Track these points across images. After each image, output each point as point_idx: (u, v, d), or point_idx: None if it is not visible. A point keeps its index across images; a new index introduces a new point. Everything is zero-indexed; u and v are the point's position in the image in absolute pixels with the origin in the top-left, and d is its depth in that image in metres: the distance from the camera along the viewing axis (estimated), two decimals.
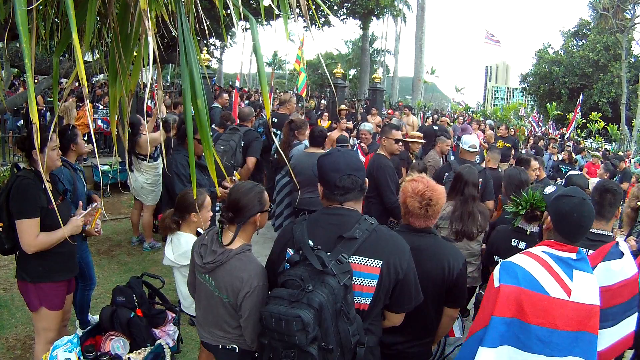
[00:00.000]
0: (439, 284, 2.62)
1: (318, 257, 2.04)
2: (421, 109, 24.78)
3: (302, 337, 1.89)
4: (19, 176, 3.16)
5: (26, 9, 1.23)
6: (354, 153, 2.47)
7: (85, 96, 1.30)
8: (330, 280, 1.99)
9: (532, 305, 2.14)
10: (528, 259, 2.26)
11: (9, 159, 9.79)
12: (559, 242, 2.30)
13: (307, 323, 1.88)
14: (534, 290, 2.15)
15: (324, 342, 1.96)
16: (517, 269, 2.21)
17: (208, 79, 9.04)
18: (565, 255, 2.26)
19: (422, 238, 2.69)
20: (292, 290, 2.01)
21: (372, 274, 2.15)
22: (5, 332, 4.51)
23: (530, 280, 2.17)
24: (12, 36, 2.43)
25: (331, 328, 1.96)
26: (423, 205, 2.65)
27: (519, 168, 4.61)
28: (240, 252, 2.49)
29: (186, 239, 3.55)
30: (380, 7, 26.21)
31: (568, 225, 2.28)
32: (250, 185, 2.62)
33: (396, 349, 2.61)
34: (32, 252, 3.15)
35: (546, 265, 2.22)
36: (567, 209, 2.27)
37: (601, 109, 33.47)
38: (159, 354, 3.24)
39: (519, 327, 2.14)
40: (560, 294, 2.16)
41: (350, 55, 56.01)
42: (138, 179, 6.62)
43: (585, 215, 2.25)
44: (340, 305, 2.00)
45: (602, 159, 12.82)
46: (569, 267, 2.24)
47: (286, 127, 6.45)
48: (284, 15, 1.95)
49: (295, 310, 1.91)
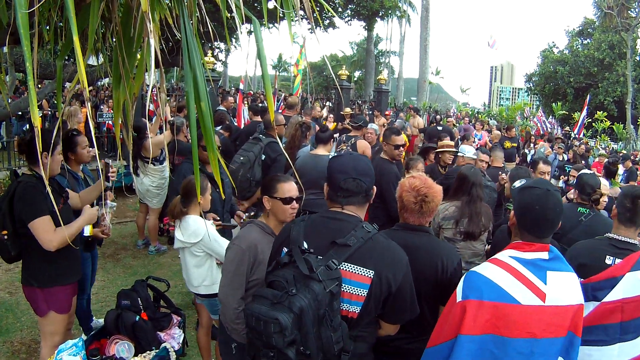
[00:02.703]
0: (432, 283, 2.59)
1: (306, 260, 2.02)
2: (426, 110, 24.75)
3: (279, 339, 1.88)
4: (21, 181, 3.16)
5: (27, 11, 1.22)
6: (365, 158, 2.44)
7: (86, 99, 1.29)
8: (315, 285, 1.97)
9: (503, 318, 1.99)
10: (494, 268, 2.09)
11: (15, 163, 9.83)
12: (526, 241, 2.13)
13: (285, 326, 1.87)
14: (501, 302, 2.00)
15: (303, 347, 1.94)
16: (480, 282, 2.06)
17: (212, 81, 9.02)
18: (535, 257, 2.09)
19: (417, 236, 2.68)
20: (277, 291, 2.00)
21: (363, 283, 2.12)
22: (11, 335, 4.52)
23: (497, 291, 2.02)
24: (15, 40, 2.43)
25: (312, 333, 1.94)
26: (418, 201, 2.64)
27: (525, 168, 4.61)
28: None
29: (194, 219, 3.69)
30: (385, 9, 26.21)
31: (531, 219, 2.12)
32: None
33: (394, 346, 2.59)
34: (55, 247, 3.14)
35: (514, 272, 2.05)
36: (529, 200, 2.12)
37: (607, 108, 33.32)
38: (164, 357, 3.23)
39: (493, 342, 1.99)
40: (533, 300, 2.00)
41: (355, 57, 56.07)
42: (144, 182, 6.64)
43: (550, 207, 2.08)
44: (324, 311, 1.97)
45: (607, 156, 12.76)
46: (541, 270, 2.07)
47: (297, 129, 6.39)
48: (287, 15, 1.94)
49: (275, 312, 1.90)
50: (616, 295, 2.59)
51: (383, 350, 2.47)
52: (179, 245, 3.76)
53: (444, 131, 8.82)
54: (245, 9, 1.83)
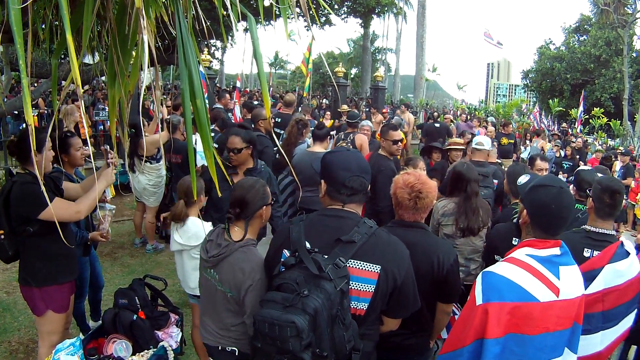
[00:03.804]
0: (429, 279, 2.59)
1: (315, 260, 2.01)
2: (423, 107, 24.71)
3: (296, 343, 1.85)
4: (16, 181, 3.13)
5: (20, 7, 1.21)
6: (360, 155, 2.44)
7: (79, 97, 1.29)
8: (326, 285, 1.95)
9: (525, 317, 2.00)
10: (512, 267, 2.09)
11: (11, 162, 9.79)
12: (540, 239, 2.14)
13: (302, 329, 1.84)
14: (523, 301, 2.01)
15: (318, 349, 1.91)
16: (500, 283, 2.04)
17: (207, 79, 8.98)
18: (550, 254, 2.11)
19: (412, 232, 2.68)
20: (287, 294, 1.97)
21: (370, 279, 2.12)
22: (8, 335, 4.51)
23: (517, 290, 2.02)
24: (9, 39, 2.41)
25: (326, 334, 1.92)
26: (412, 197, 2.64)
27: (522, 165, 4.60)
28: (244, 245, 2.52)
29: (192, 222, 3.70)
30: (381, 6, 26.15)
31: (547, 218, 2.12)
32: (252, 181, 2.69)
33: (393, 342, 2.59)
34: (84, 215, 3.23)
35: (533, 271, 2.07)
36: (544, 199, 2.11)
37: (603, 104, 33.34)
38: (161, 356, 3.23)
39: (514, 341, 2.01)
40: (549, 296, 2.03)
41: (351, 54, 56.02)
42: (140, 180, 6.62)
43: (565, 205, 2.09)
44: (336, 310, 1.96)
45: (603, 152, 12.77)
46: (555, 266, 2.10)
47: (294, 126, 6.37)
48: (283, 12, 1.93)
49: (290, 316, 1.86)
50: (597, 286, 2.66)
51: (383, 346, 2.48)
52: (177, 248, 3.74)
53: (441, 128, 8.77)
54: (241, 6, 1.82)
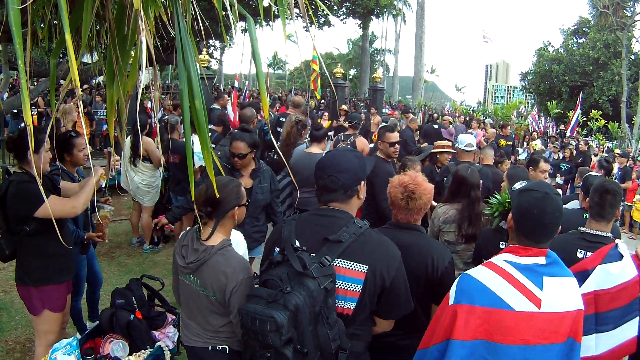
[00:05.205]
0: (423, 281, 2.59)
1: (300, 258, 2.03)
2: (421, 109, 24.76)
3: (275, 338, 1.88)
4: (12, 180, 3.13)
5: (19, 7, 1.21)
6: (349, 154, 2.40)
7: (77, 97, 1.29)
8: (309, 282, 1.97)
9: (495, 324, 1.94)
10: (488, 272, 2.03)
11: (10, 161, 9.78)
12: (523, 245, 2.06)
13: (281, 324, 1.87)
14: (494, 307, 1.94)
15: (300, 345, 1.94)
16: (472, 286, 2.01)
17: (206, 79, 8.97)
18: (531, 262, 2.02)
19: (407, 234, 2.68)
20: (271, 290, 2.00)
21: (357, 278, 2.13)
22: (5, 334, 4.50)
23: (490, 296, 1.96)
24: (8, 38, 2.42)
25: (308, 331, 1.94)
26: (404, 197, 2.65)
27: (522, 168, 4.57)
28: (221, 247, 2.51)
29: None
30: (380, 7, 26.16)
31: (528, 223, 2.05)
32: (227, 179, 2.67)
33: (388, 342, 2.60)
34: (81, 209, 3.28)
35: (509, 278, 1.99)
36: (526, 205, 2.05)
37: (602, 106, 33.46)
38: (158, 356, 3.23)
39: (485, 348, 1.94)
40: (527, 307, 1.94)
41: (350, 55, 56.02)
42: (134, 179, 6.61)
43: (549, 212, 2.01)
44: (319, 308, 1.97)
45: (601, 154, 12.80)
46: (538, 275, 2.00)
47: (293, 127, 6.36)
48: (282, 13, 1.93)
49: (270, 311, 1.90)
50: (588, 287, 2.66)
51: (377, 346, 2.48)
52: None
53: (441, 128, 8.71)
54: (239, 7, 1.83)
